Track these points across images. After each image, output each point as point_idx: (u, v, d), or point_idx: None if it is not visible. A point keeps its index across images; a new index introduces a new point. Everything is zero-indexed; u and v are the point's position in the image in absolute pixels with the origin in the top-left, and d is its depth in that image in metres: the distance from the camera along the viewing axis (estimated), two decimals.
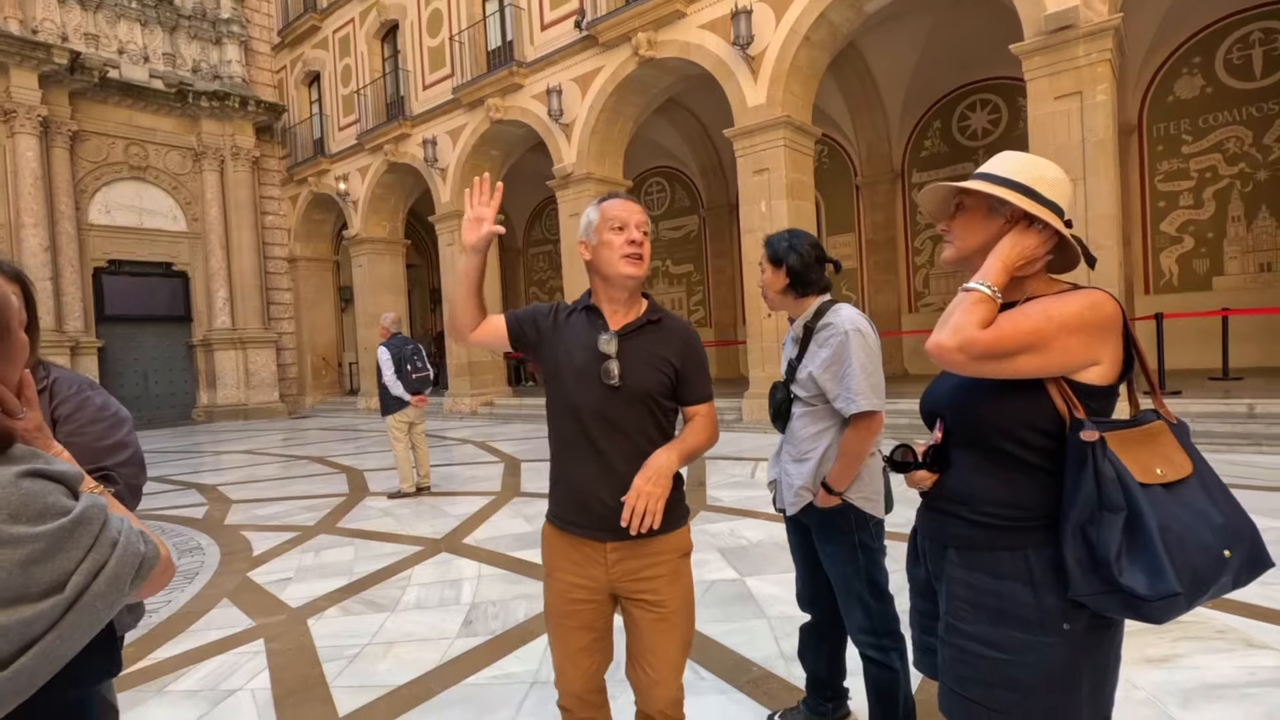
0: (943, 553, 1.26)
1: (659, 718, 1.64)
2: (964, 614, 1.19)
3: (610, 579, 1.59)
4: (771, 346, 8.96)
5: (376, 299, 15.80)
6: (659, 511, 1.48)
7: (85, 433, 1.42)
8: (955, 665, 1.20)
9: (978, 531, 1.19)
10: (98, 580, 0.79)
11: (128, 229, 15.43)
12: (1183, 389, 7.46)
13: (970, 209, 1.26)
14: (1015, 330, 1.09)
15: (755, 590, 3.51)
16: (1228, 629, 2.73)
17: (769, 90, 8.92)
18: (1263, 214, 9.81)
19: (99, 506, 0.83)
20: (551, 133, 11.64)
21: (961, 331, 1.09)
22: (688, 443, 1.61)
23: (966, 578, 1.19)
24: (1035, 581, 1.12)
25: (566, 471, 1.62)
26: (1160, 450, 1.09)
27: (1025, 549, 1.14)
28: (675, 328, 1.65)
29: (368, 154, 15.31)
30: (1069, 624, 1.10)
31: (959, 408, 1.22)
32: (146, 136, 15.61)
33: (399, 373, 6.16)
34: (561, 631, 1.63)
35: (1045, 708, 1.10)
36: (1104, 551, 1.01)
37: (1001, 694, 1.13)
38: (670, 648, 1.62)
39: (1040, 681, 1.10)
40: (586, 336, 1.61)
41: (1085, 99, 6.58)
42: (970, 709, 1.17)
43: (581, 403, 1.57)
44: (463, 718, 2.46)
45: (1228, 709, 2.21)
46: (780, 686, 2.55)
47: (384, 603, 3.65)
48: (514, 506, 5.70)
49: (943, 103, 12.53)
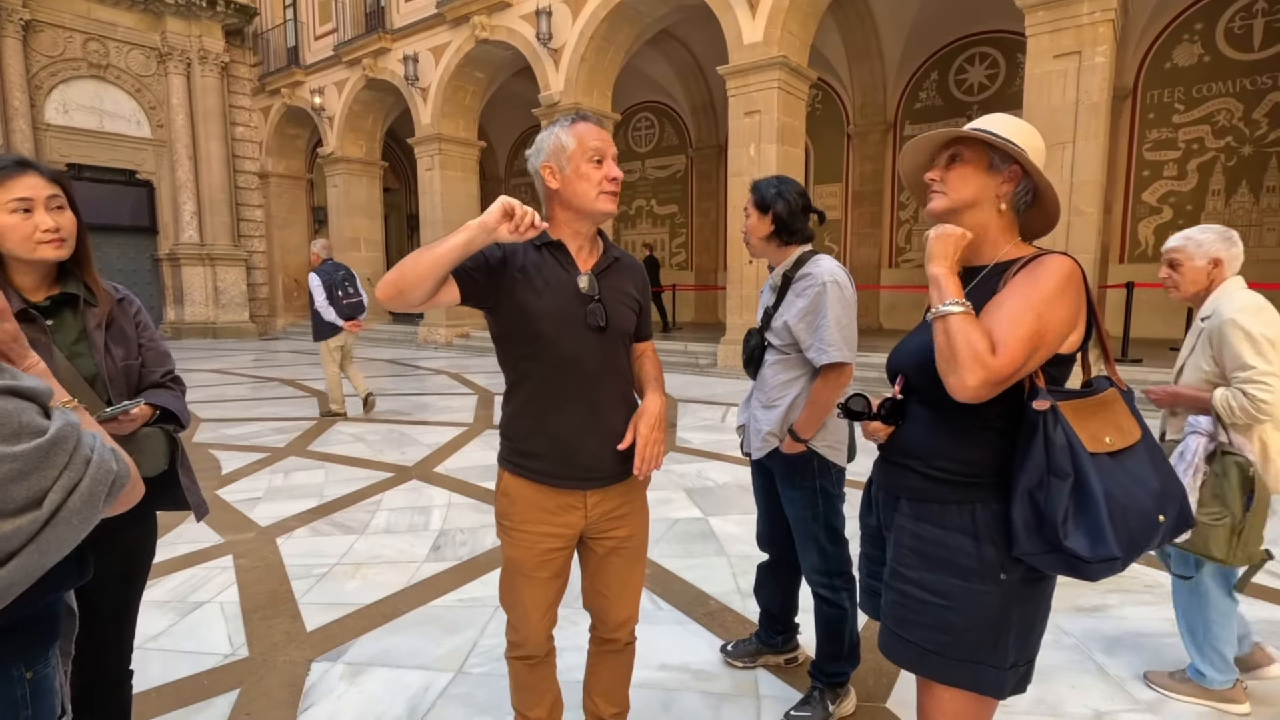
0: (895, 503, 1.31)
1: (617, 637, 1.71)
2: (909, 561, 1.25)
3: (587, 524, 1.59)
4: (751, 294, 8.96)
5: (352, 222, 15.37)
6: (661, 455, 1.53)
7: (156, 340, 1.58)
8: (896, 608, 1.27)
9: (929, 485, 1.24)
10: (73, 497, 0.80)
11: (87, 131, 14.66)
12: (1144, 357, 7.67)
13: (969, 162, 1.24)
14: (1018, 340, 1.08)
15: (717, 529, 3.63)
16: (1155, 584, 2.90)
17: (766, 28, 8.62)
18: (1242, 189, 9.91)
19: (72, 425, 0.84)
20: (539, 58, 11.17)
21: (979, 366, 1.07)
22: (660, 382, 1.64)
23: (914, 528, 1.25)
24: (979, 534, 1.18)
25: (545, 423, 1.51)
26: (1111, 419, 1.13)
27: (973, 503, 1.19)
28: (631, 264, 1.65)
29: (345, 67, 14.59)
30: (1005, 574, 1.16)
31: (921, 367, 1.25)
32: (106, 32, 14.66)
33: (330, 299, 6.28)
34: (533, 585, 1.58)
35: (973, 646, 1.18)
36: (1051, 515, 1.06)
37: (936, 635, 1.21)
38: (635, 576, 1.69)
39: (973, 625, 1.18)
40: (557, 278, 1.48)
41: (1084, 59, 6.48)
42: (907, 648, 1.25)
43: (568, 350, 1.47)
44: (428, 636, 2.54)
45: (1145, 656, 2.37)
46: (735, 620, 2.67)
47: (353, 525, 3.70)
48: (486, 438, 5.75)
49: (942, 53, 12.25)
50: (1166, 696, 2.14)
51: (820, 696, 2.05)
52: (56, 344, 1.39)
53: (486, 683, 2.25)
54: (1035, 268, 1.16)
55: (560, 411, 1.50)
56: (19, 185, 1.31)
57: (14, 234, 1.31)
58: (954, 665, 1.20)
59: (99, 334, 1.45)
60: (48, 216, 1.34)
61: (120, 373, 1.48)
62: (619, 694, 1.78)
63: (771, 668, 2.34)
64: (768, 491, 2.21)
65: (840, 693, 2.06)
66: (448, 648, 2.46)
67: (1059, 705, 2.09)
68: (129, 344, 1.51)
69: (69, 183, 1.40)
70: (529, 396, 1.53)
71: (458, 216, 13.45)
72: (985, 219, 1.26)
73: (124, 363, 1.49)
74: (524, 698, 1.71)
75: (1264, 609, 2.70)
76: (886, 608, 1.30)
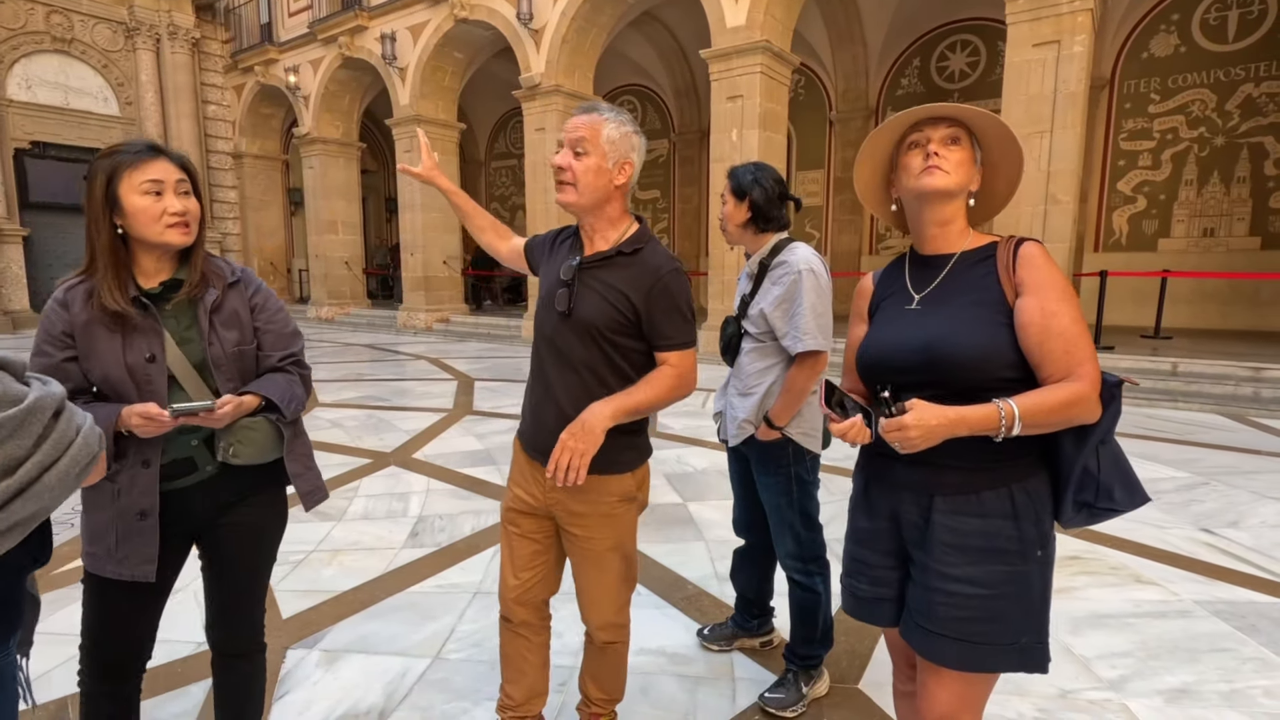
0: (926, 502, 1.26)
1: (593, 635, 1.73)
2: (950, 559, 1.22)
3: (547, 502, 1.62)
4: (732, 280, 8.96)
5: (329, 204, 15.10)
6: (583, 467, 1.41)
7: (275, 321, 1.53)
8: (944, 609, 1.22)
9: (964, 478, 1.22)
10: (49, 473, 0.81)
11: (52, 108, 14.19)
12: (1116, 345, 7.82)
13: (965, 148, 1.26)
14: (1088, 344, 1.16)
15: (696, 514, 3.66)
16: (1121, 566, 2.98)
17: (749, 12, 8.56)
18: (1214, 180, 10.08)
19: (52, 396, 0.84)
20: (520, 38, 11.00)
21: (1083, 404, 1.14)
22: (633, 397, 1.48)
23: (952, 523, 1.22)
24: (1017, 514, 1.21)
25: (529, 391, 1.67)
26: None
27: (1009, 485, 1.21)
28: (649, 264, 1.50)
29: (320, 45, 14.25)
30: (1041, 550, 1.21)
31: (925, 362, 1.22)
32: (70, 4, 14.15)
33: None
34: (507, 537, 1.71)
35: (1020, 628, 1.21)
36: (1106, 479, 1.19)
37: (986, 626, 1.20)
38: (599, 580, 1.65)
39: (1022, 608, 1.21)
40: (560, 262, 1.59)
41: (1063, 49, 6.52)
42: (966, 650, 1.21)
43: (540, 327, 1.61)
44: (406, 623, 2.54)
45: (1109, 636, 2.44)
46: (712, 604, 2.70)
47: (331, 512, 3.67)
48: (465, 424, 5.72)
49: (924, 40, 12.26)
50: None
51: (794, 679, 2.08)
52: (169, 330, 1.41)
53: (464, 668, 2.25)
54: (1036, 265, 1.21)
55: (532, 382, 1.65)
56: (152, 168, 1.34)
57: (144, 215, 1.34)
58: (1005, 651, 1.20)
59: (205, 319, 1.45)
60: (176, 200, 1.36)
61: (231, 358, 1.46)
62: (606, 682, 1.81)
63: (747, 651, 2.37)
64: (744, 478, 2.23)
65: (814, 675, 2.10)
66: (426, 633, 2.46)
67: (1025, 684, 2.14)
68: (243, 328, 1.48)
69: (195, 170, 1.43)
70: (530, 365, 1.69)
71: (438, 200, 13.26)
72: (957, 208, 1.29)
73: (237, 347, 1.47)
74: (505, 668, 1.76)
75: (1224, 590, 2.78)
76: (932, 610, 1.24)
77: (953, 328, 1.22)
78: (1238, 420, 5.84)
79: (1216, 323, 9.93)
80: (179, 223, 1.37)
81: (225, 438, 1.42)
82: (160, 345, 1.39)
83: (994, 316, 1.20)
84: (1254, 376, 6.41)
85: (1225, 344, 8.15)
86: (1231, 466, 4.44)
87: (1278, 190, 9.64)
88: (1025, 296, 1.18)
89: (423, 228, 13.15)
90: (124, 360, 1.36)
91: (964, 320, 1.22)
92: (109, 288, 1.34)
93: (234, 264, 1.55)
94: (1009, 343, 1.19)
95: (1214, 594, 2.75)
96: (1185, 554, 3.12)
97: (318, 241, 15.39)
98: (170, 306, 1.43)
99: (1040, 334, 1.15)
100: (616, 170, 1.49)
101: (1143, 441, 4.99)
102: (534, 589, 1.70)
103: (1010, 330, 1.19)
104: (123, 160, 1.34)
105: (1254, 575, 2.91)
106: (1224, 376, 6.51)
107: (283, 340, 1.55)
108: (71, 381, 1.35)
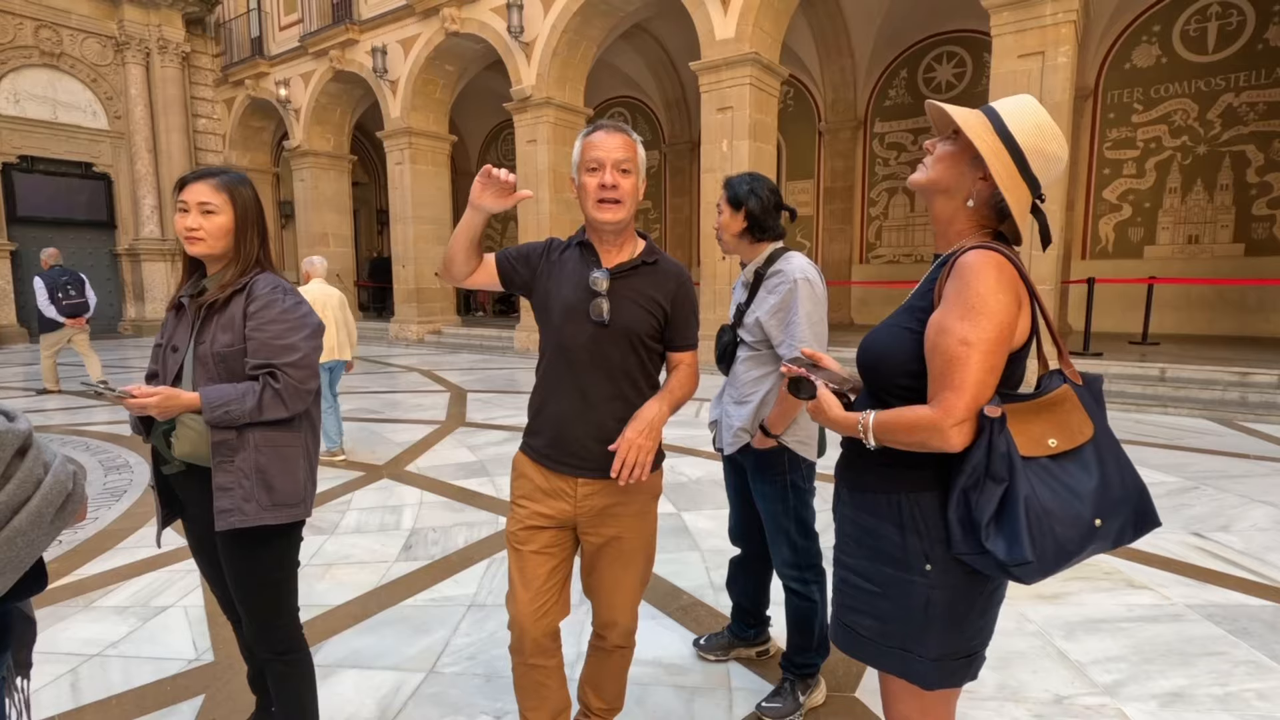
0: (842, 492, 1.34)
1: (604, 635, 1.73)
2: (848, 548, 1.29)
3: (577, 513, 1.61)
4: (724, 290, 9.00)
5: (320, 217, 15.07)
6: (648, 464, 1.48)
7: (265, 329, 1.57)
8: (837, 594, 1.32)
9: (864, 475, 1.26)
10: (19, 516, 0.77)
11: (41, 122, 14.14)
12: (1104, 351, 7.89)
13: (961, 146, 1.19)
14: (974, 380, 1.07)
15: (691, 524, 3.65)
16: (1114, 571, 3.00)
17: (739, 24, 8.64)
18: (1197, 188, 10.22)
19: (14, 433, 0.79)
20: (511, 51, 11.06)
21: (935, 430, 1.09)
22: (675, 394, 1.61)
23: (853, 515, 1.29)
24: (904, 524, 1.19)
25: (547, 405, 1.62)
26: (1058, 419, 1.11)
27: (900, 494, 1.20)
28: (670, 270, 1.62)
29: (311, 59, 14.27)
30: (930, 565, 1.17)
31: (864, 354, 1.27)
32: (60, 19, 14.14)
33: (52, 299, 7.66)
34: (520, 558, 1.62)
35: (901, 634, 1.21)
36: (979, 516, 1.07)
37: (870, 621, 1.24)
38: (624, 582, 1.67)
39: (900, 614, 1.20)
40: (578, 273, 1.58)
41: (1047, 60, 6.62)
42: (847, 634, 1.29)
43: (568, 339, 1.56)
44: (399, 636, 2.52)
45: (1103, 641, 2.45)
46: (708, 614, 2.69)
47: (323, 526, 3.64)
48: (458, 436, 5.70)
49: (911, 51, 12.41)
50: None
51: (791, 687, 2.07)
52: (195, 328, 1.62)
53: (459, 682, 2.23)
54: (959, 274, 1.12)
55: (557, 395, 1.60)
56: (186, 191, 1.60)
57: (176, 229, 1.64)
58: (885, 652, 1.23)
59: (200, 318, 1.61)
60: (191, 217, 1.59)
61: (215, 358, 1.58)
62: (608, 690, 1.80)
63: (744, 660, 2.36)
64: (740, 487, 2.23)
65: (810, 683, 2.10)
66: (419, 647, 2.44)
67: (1020, 690, 2.15)
68: (235, 331, 1.59)
69: (236, 192, 1.62)
70: (541, 377, 1.65)
71: (429, 212, 13.27)
72: (955, 209, 1.21)
73: (225, 349, 1.58)
74: (522, 698, 1.71)
75: (1216, 593, 2.80)
76: (832, 594, 1.35)
77: (877, 330, 1.27)
78: (1226, 425, 5.89)
79: (1203, 328, 10.04)
80: (190, 237, 1.60)
81: (174, 432, 1.58)
82: (186, 338, 1.62)
83: (909, 323, 1.20)
84: (1241, 381, 6.48)
85: (1212, 349, 8.24)
86: (1221, 471, 4.48)
87: (1260, 197, 9.79)
88: (938, 308, 1.14)
89: (414, 240, 13.14)
90: (164, 348, 1.65)
91: (889, 324, 1.25)
92: (179, 286, 1.71)
93: (270, 276, 1.66)
94: (911, 351, 1.17)
95: (1206, 597, 2.76)
96: (1177, 558, 3.14)
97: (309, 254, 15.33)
98: (194, 306, 1.64)
99: (929, 348, 1.13)
100: (642, 186, 1.61)
101: (1133, 447, 5.03)
102: (551, 611, 1.63)
103: (919, 339, 1.16)
104: (178, 182, 1.63)
105: (1245, 579, 2.93)
106: (1212, 382, 6.58)
107: (264, 349, 1.55)
108: (157, 363, 1.68)
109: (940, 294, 1.15)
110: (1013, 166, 1.14)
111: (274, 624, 1.68)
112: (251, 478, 1.55)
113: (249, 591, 1.65)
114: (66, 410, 7.10)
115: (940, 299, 1.15)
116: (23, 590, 1.02)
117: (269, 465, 1.57)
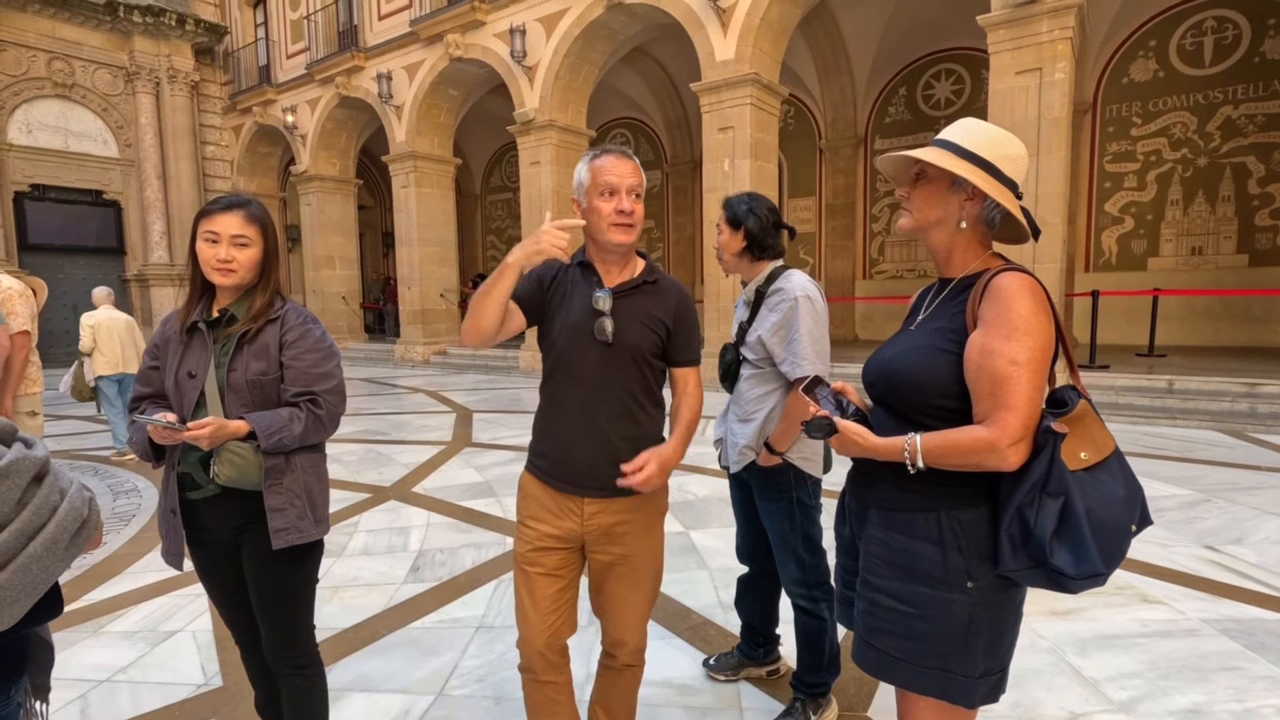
0: (865, 513, 1.32)
1: (614, 654, 1.73)
2: (878, 569, 1.26)
3: (584, 532, 1.62)
4: (728, 307, 9.02)
5: (326, 240, 15.23)
6: (651, 487, 1.53)
7: (303, 359, 1.62)
8: (867, 617, 1.28)
9: (897, 494, 1.25)
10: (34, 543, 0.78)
11: (52, 151, 14.38)
12: (1111, 364, 7.86)
13: (933, 180, 1.25)
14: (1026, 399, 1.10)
15: (698, 543, 3.63)
16: (1127, 585, 2.97)
17: (738, 46, 8.77)
18: (1199, 200, 10.24)
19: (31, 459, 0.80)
20: (514, 75, 11.23)
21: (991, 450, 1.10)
22: (690, 430, 1.63)
23: (883, 536, 1.27)
24: (944, 542, 1.19)
25: (552, 425, 1.63)
26: (1085, 433, 1.13)
27: (939, 511, 1.20)
28: (670, 288, 1.65)
29: (318, 85, 14.51)
30: (972, 582, 1.18)
31: (884, 376, 1.27)
32: (72, 51, 14.44)
33: None
34: (528, 580, 1.63)
35: (941, 655, 1.19)
36: (1041, 533, 1.08)
37: (906, 644, 1.22)
38: (632, 601, 1.67)
39: (941, 633, 1.19)
40: (580, 293, 1.60)
41: (1045, 76, 6.68)
42: (880, 657, 1.26)
43: (573, 359, 1.58)
44: (408, 659, 2.51)
45: (1117, 657, 2.42)
46: (717, 633, 2.67)
47: (331, 548, 3.64)
48: (464, 456, 5.70)
49: (909, 70, 12.54)
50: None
51: (802, 707, 2.06)
52: (215, 354, 1.61)
53: (468, 704, 2.22)
54: (997, 298, 1.15)
55: (563, 416, 1.61)
56: (216, 221, 1.57)
57: (201, 258, 1.59)
58: (923, 673, 1.21)
59: (240, 347, 1.61)
60: (224, 249, 1.57)
61: (249, 385, 1.59)
62: (619, 711, 1.79)
63: (754, 680, 2.35)
64: (746, 505, 2.23)
65: (822, 703, 2.08)
66: (428, 670, 2.43)
67: (1035, 708, 2.12)
68: (270, 360, 1.61)
69: (267, 224, 1.65)
70: (546, 398, 1.66)
71: (434, 234, 13.39)
72: (950, 237, 1.27)
73: (258, 376, 1.60)
74: (533, 715, 1.72)
75: (1231, 607, 2.77)
76: (858, 617, 1.31)
77: (904, 351, 1.27)
78: (1236, 436, 5.85)
79: (1209, 339, 10.00)
80: (221, 268, 1.58)
81: (215, 458, 1.56)
82: (204, 365, 1.59)
83: (944, 344, 1.21)
84: (1249, 392, 6.44)
85: (1219, 360, 8.20)
86: (1232, 483, 4.44)
87: (1263, 208, 9.80)
88: (977, 330, 1.16)
89: (419, 262, 13.25)
90: (176, 373, 1.61)
91: (917, 345, 1.25)
92: (184, 310, 1.65)
93: (296, 307, 1.70)
94: (949, 373, 1.18)
95: (1221, 612, 2.73)
96: (1190, 572, 3.11)
97: (314, 277, 15.47)
98: (222, 334, 1.62)
99: (974, 370, 1.14)
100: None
101: (1143, 459, 5.00)
102: (560, 630, 1.66)
103: (957, 360, 1.18)
104: (203, 210, 1.60)
105: (1260, 592, 2.89)
106: (1220, 393, 6.54)
107: (304, 378, 1.62)
108: (152, 386, 1.65)
109: (974, 316, 1.18)
110: (990, 178, 1.20)
111: (298, 636, 1.73)
112: (302, 497, 1.64)
113: (282, 605, 1.69)
114: (75, 435, 7.13)
115: (974, 321, 1.18)
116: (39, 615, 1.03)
117: (313, 485, 1.67)
